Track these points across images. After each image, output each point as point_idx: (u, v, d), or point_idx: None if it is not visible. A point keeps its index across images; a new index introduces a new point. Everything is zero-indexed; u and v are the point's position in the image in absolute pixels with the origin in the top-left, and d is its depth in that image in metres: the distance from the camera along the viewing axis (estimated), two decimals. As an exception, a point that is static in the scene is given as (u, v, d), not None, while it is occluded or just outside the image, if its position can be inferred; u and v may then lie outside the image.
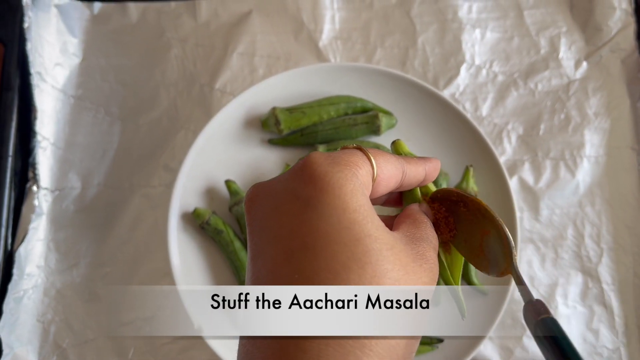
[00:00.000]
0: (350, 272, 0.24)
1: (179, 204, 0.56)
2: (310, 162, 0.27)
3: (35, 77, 0.59)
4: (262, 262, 0.26)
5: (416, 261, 0.27)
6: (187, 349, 0.56)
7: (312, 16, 0.65)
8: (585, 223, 0.60)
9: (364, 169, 0.28)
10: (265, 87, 0.58)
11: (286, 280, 0.25)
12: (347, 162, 0.27)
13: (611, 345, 0.57)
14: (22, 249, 0.56)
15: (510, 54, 0.64)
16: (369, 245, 0.25)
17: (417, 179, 0.32)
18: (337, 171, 0.27)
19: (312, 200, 0.26)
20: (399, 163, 0.31)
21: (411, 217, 0.31)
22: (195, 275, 0.56)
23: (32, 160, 0.59)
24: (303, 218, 0.26)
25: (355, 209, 0.26)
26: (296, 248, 0.25)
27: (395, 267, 0.26)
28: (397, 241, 0.27)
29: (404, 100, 0.59)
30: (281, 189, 0.27)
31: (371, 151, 0.29)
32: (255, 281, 0.26)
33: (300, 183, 0.27)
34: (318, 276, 0.25)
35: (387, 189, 0.30)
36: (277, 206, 0.27)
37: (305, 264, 0.25)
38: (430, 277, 0.28)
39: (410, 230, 0.29)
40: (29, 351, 0.55)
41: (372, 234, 0.26)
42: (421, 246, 0.28)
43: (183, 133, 0.62)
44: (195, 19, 0.65)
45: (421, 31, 0.65)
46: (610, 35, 0.64)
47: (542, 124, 0.62)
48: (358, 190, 0.27)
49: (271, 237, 0.26)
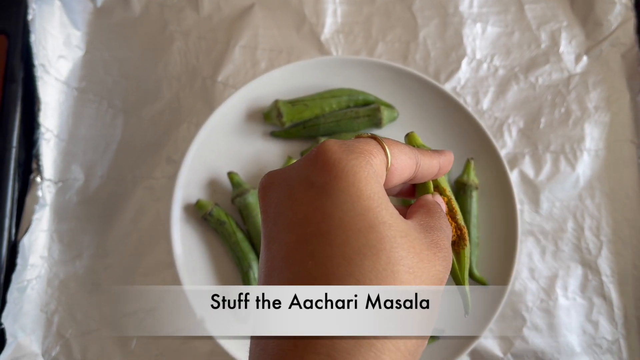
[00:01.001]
0: (364, 259, 0.24)
1: (181, 195, 0.56)
2: (324, 150, 0.27)
3: (38, 69, 0.60)
4: (277, 248, 0.26)
5: (430, 249, 0.27)
6: (189, 339, 0.57)
7: (314, 10, 0.65)
8: (585, 216, 0.60)
9: (378, 157, 0.28)
10: (268, 80, 0.59)
11: (300, 266, 0.25)
12: (361, 150, 0.27)
13: (610, 337, 0.57)
14: (25, 239, 0.56)
15: (511, 48, 0.65)
16: (383, 232, 0.25)
17: (430, 172, 0.32)
18: (351, 159, 0.27)
19: (326, 187, 0.26)
20: (413, 154, 0.31)
21: (425, 207, 0.31)
22: (198, 267, 0.56)
23: (35, 152, 0.59)
24: (317, 205, 0.26)
25: (369, 195, 0.26)
26: (310, 234, 0.25)
27: (410, 255, 0.26)
28: (411, 229, 0.27)
29: (405, 93, 0.60)
30: (295, 176, 0.27)
31: (386, 140, 0.29)
32: (269, 267, 0.26)
33: (314, 170, 0.27)
34: (332, 262, 0.24)
35: (401, 179, 0.30)
36: (291, 193, 0.27)
37: (319, 250, 0.25)
38: (444, 265, 0.28)
39: (424, 219, 0.29)
40: (32, 341, 0.56)
41: (386, 221, 0.26)
42: (435, 235, 0.28)
43: (185, 126, 0.62)
44: (198, 12, 0.66)
45: (422, 25, 0.65)
46: (610, 30, 0.64)
47: (542, 117, 0.63)
48: (372, 178, 0.26)
49: (285, 224, 0.27)
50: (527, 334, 0.57)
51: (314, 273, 0.25)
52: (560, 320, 0.57)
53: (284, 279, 0.25)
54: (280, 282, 0.25)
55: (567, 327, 0.57)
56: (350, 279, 0.24)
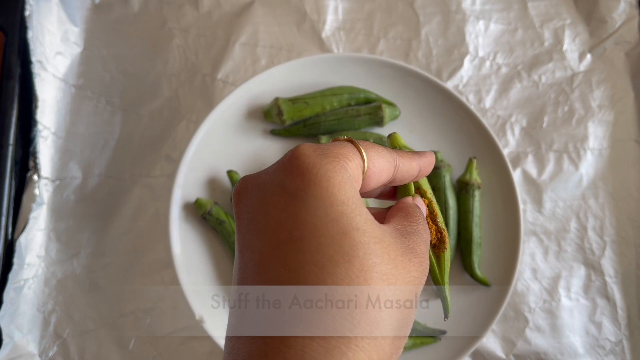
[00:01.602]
0: (336, 266, 0.24)
1: (180, 194, 0.56)
2: (298, 154, 0.27)
3: (36, 65, 0.59)
4: (250, 255, 0.26)
5: (405, 255, 0.27)
6: (188, 340, 0.56)
7: (315, 7, 0.65)
8: (589, 216, 0.59)
9: (353, 161, 0.27)
10: (268, 77, 0.58)
11: (272, 274, 0.25)
12: (336, 154, 0.27)
13: (614, 338, 0.57)
14: (22, 238, 0.56)
15: (514, 46, 0.64)
16: (356, 238, 0.25)
17: (410, 174, 0.32)
18: (325, 163, 0.26)
19: (299, 192, 0.25)
20: (391, 157, 0.30)
21: (403, 210, 0.30)
22: (197, 266, 0.55)
23: (32, 150, 0.58)
24: (290, 210, 0.25)
25: (343, 201, 0.25)
26: (283, 241, 0.25)
27: (384, 261, 0.25)
28: (385, 234, 0.26)
29: (407, 91, 0.59)
30: (269, 181, 0.27)
31: (362, 144, 0.29)
32: (242, 274, 0.26)
33: (288, 175, 0.26)
34: (304, 269, 0.24)
35: (378, 183, 0.30)
36: (265, 198, 0.26)
37: (291, 257, 0.24)
38: (420, 271, 0.27)
39: (401, 223, 0.29)
40: (29, 341, 0.55)
41: (360, 227, 0.25)
42: (411, 240, 0.28)
43: (185, 123, 0.61)
44: (198, 9, 0.65)
45: (424, 22, 0.64)
46: (614, 28, 0.63)
47: (545, 116, 0.62)
48: (346, 183, 0.26)
49: (258, 230, 0.26)
50: (529, 335, 0.56)
51: (285, 280, 0.24)
52: (563, 321, 0.57)
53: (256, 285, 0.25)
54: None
55: (570, 328, 0.57)
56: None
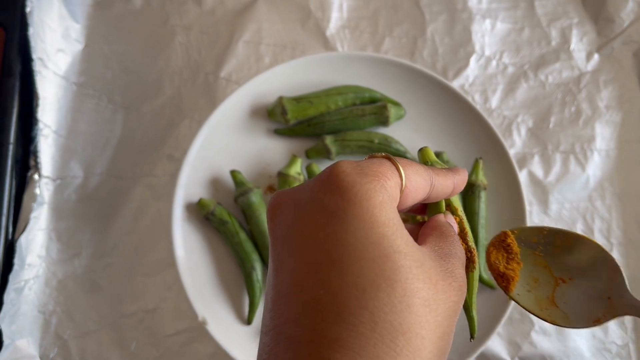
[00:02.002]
0: (378, 290, 0.23)
1: (183, 194, 0.55)
2: (337, 172, 0.26)
3: (37, 63, 0.58)
4: (285, 274, 0.25)
5: (446, 279, 0.26)
6: (190, 341, 0.55)
7: (320, 4, 0.64)
8: (595, 217, 0.59)
9: (392, 180, 0.27)
10: (272, 76, 0.57)
11: (310, 294, 0.24)
12: (375, 172, 0.26)
13: (620, 341, 0.56)
14: (23, 238, 0.55)
15: (521, 45, 0.63)
16: (398, 261, 0.24)
17: (445, 192, 0.31)
18: (365, 182, 0.25)
19: (339, 212, 0.25)
20: (427, 175, 0.29)
21: (438, 229, 0.30)
22: (200, 268, 0.55)
23: (33, 148, 0.58)
24: (329, 230, 0.25)
25: (384, 222, 0.25)
26: (321, 262, 0.24)
27: (426, 286, 0.25)
28: (426, 257, 0.26)
29: (412, 91, 0.58)
30: (306, 199, 0.26)
31: (400, 161, 0.28)
32: (276, 294, 0.25)
33: (326, 193, 0.25)
34: (345, 292, 0.23)
35: (415, 200, 0.29)
36: (302, 216, 0.26)
37: (330, 279, 0.24)
38: (459, 295, 0.27)
39: (438, 244, 0.28)
40: (29, 342, 0.55)
41: (401, 250, 0.24)
42: (450, 262, 0.27)
43: (187, 122, 0.61)
44: (200, 5, 0.64)
45: (430, 21, 0.64)
46: (622, 27, 0.63)
47: (552, 116, 0.61)
48: (387, 203, 0.25)
49: (295, 249, 0.25)
50: (535, 338, 0.56)
51: (324, 303, 0.23)
52: (569, 324, 0.56)
53: (292, 307, 0.24)
54: (289, 310, 0.24)
55: (576, 331, 0.56)
56: (364, 312, 0.23)
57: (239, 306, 0.55)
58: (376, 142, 0.57)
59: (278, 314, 0.24)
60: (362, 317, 0.23)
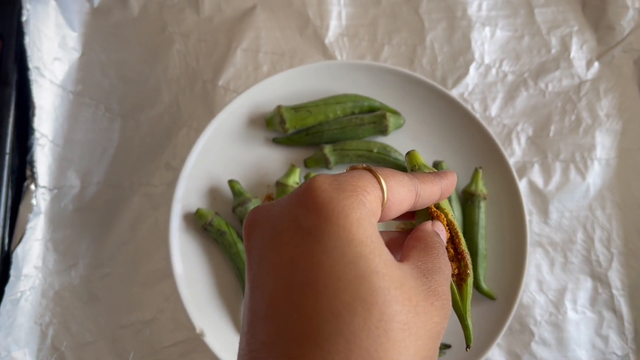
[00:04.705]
0: (354, 315, 0.22)
1: (180, 204, 0.55)
2: (313, 187, 0.25)
3: (33, 72, 0.58)
4: (261, 295, 0.24)
5: (427, 299, 0.25)
6: (188, 352, 0.55)
7: (318, 12, 0.64)
8: (596, 227, 0.59)
9: (372, 194, 0.25)
10: (270, 84, 0.57)
11: (284, 318, 0.23)
12: (354, 187, 0.25)
13: (620, 352, 0.56)
14: (19, 249, 0.54)
15: (521, 53, 0.63)
16: (375, 283, 0.23)
17: (432, 199, 0.30)
18: (342, 198, 0.24)
19: (314, 230, 0.24)
20: (412, 184, 0.28)
21: (422, 241, 0.28)
22: (197, 278, 0.54)
23: (30, 158, 0.57)
24: (304, 249, 0.24)
25: (361, 240, 0.24)
26: (297, 283, 0.23)
27: (405, 309, 0.23)
28: (406, 277, 0.25)
29: (412, 99, 0.58)
30: (282, 215, 0.25)
31: (382, 172, 0.27)
32: (252, 316, 0.24)
33: (302, 210, 0.25)
34: (319, 316, 0.22)
35: (400, 212, 0.28)
36: (277, 234, 0.25)
37: (305, 302, 0.23)
38: (442, 315, 0.25)
39: (421, 259, 0.27)
40: (26, 354, 0.54)
41: (379, 270, 0.23)
42: (433, 280, 0.26)
43: (185, 131, 0.60)
44: (198, 13, 0.64)
45: (430, 29, 0.63)
46: (622, 35, 0.62)
47: (552, 125, 0.61)
48: (365, 220, 0.24)
49: (270, 268, 0.24)
50: (535, 348, 0.56)
51: (300, 327, 0.22)
52: (569, 334, 0.56)
53: (268, 331, 0.23)
54: (265, 334, 0.23)
55: (576, 342, 0.56)
56: (339, 339, 0.22)
57: (237, 317, 0.54)
58: (375, 151, 0.56)
59: (253, 339, 0.24)
60: (337, 345, 0.22)
